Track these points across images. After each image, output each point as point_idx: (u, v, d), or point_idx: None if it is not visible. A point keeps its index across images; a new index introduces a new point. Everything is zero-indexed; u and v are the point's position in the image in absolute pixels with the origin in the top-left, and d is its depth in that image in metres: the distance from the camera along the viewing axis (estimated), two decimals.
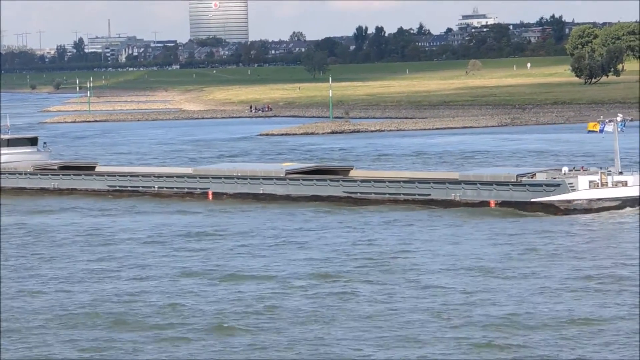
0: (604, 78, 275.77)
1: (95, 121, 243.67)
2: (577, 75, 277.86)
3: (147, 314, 53.15)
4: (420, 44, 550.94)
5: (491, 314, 50.99)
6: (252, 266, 64.87)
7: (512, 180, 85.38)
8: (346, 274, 61.23)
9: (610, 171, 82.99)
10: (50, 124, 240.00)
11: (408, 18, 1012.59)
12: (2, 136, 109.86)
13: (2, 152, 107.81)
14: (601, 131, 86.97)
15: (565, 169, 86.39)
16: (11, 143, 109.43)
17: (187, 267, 65.08)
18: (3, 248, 74.39)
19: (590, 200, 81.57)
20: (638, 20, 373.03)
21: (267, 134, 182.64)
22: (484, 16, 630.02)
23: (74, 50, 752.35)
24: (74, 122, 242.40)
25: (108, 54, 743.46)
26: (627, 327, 48.23)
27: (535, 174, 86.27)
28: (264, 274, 62.73)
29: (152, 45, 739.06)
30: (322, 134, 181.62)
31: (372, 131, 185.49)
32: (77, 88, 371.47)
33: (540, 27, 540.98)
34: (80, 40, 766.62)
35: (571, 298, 54.05)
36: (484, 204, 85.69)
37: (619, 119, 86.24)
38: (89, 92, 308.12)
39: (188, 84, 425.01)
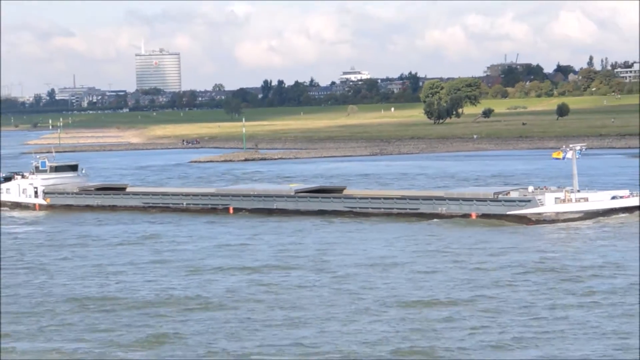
0: (448, 119, 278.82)
1: (65, 151, 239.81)
2: (428, 117, 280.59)
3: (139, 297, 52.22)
4: (311, 93, 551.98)
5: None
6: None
7: (490, 197, 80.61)
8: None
9: (572, 190, 79.44)
10: (29, 154, 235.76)
11: (302, 74, 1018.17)
12: (50, 164, 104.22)
13: (50, 176, 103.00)
14: (563, 158, 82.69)
15: (531, 188, 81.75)
16: (57, 169, 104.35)
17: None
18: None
19: (557, 213, 77.55)
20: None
21: (196, 161, 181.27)
22: (359, 72, 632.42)
23: (48, 98, 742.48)
24: (48, 152, 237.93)
25: (73, 101, 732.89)
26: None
27: (509, 192, 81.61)
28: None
29: (107, 93, 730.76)
30: (238, 161, 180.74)
31: (275, 158, 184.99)
32: (50, 126, 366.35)
33: (401, 81, 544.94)
34: (52, 90, 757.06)
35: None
36: (466, 216, 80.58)
37: (577, 148, 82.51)
38: (59, 130, 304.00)
39: (135, 123, 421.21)
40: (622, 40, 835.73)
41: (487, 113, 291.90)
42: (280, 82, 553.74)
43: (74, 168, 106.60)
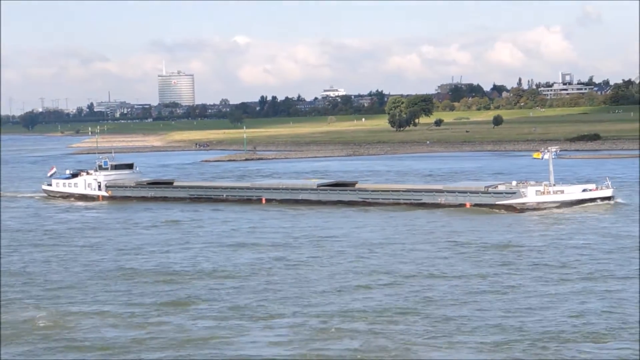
0: (407, 127, 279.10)
1: (101, 153, 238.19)
2: (392, 126, 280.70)
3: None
4: (298, 106, 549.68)
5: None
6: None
7: (482, 189, 77.87)
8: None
9: (549, 184, 77.58)
10: (73, 154, 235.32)
11: (291, 91, 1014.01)
12: (111, 163, 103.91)
13: (111, 173, 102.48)
14: (542, 158, 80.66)
15: (514, 182, 79.08)
16: (117, 167, 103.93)
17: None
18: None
19: (538, 203, 75.39)
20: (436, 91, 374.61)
21: (206, 161, 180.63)
22: (336, 90, 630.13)
23: (88, 110, 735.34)
24: (88, 153, 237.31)
25: (108, 112, 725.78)
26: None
27: (497, 186, 79.03)
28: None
29: (136, 106, 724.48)
30: (240, 160, 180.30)
31: (270, 158, 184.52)
32: (89, 132, 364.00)
33: (370, 97, 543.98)
34: (92, 104, 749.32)
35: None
36: (462, 205, 77.28)
37: (553, 149, 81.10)
38: (96, 135, 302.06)
39: (157, 130, 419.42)
40: (544, 66, 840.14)
41: (438, 123, 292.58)
42: (274, 98, 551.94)
43: (130, 166, 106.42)
